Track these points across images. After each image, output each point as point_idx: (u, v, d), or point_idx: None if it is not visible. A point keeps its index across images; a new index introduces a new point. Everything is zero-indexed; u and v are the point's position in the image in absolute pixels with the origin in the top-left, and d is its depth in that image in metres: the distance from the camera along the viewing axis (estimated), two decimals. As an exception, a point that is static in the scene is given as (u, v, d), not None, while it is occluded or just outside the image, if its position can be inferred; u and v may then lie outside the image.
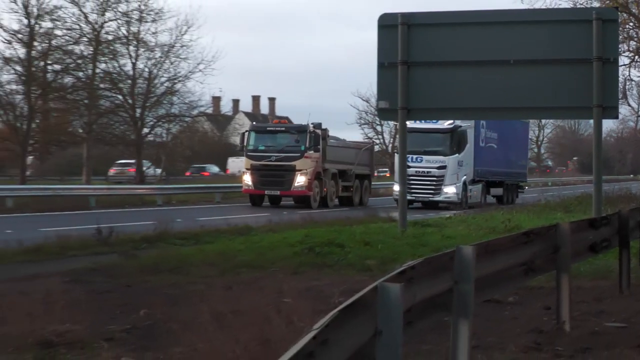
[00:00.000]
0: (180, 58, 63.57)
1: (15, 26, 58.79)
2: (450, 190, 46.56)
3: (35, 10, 58.57)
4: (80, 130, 62.90)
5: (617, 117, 27.31)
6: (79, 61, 61.83)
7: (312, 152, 46.51)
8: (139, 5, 61.76)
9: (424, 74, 22.77)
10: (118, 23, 62.25)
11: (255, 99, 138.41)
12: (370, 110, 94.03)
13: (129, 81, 63.38)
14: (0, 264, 18.34)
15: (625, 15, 40.06)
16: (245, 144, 48.00)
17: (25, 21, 58.69)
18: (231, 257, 18.78)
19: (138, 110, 62.08)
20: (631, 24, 43.24)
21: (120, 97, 63.59)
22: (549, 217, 27.63)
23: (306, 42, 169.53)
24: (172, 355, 9.39)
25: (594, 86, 21.59)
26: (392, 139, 50.65)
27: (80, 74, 61.96)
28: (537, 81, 22.50)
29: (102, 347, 9.83)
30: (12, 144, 59.96)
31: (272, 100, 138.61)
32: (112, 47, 62.90)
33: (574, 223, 12.95)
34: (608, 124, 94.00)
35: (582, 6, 39.99)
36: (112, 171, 74.36)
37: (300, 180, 45.69)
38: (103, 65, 62.98)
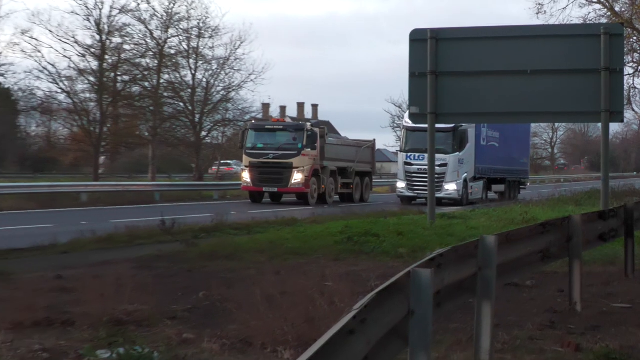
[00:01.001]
0: (234, 69, 63.71)
1: (89, 41, 58.99)
2: (451, 187, 43.90)
3: (106, 27, 58.75)
4: (146, 134, 63.08)
5: (622, 121, 27.24)
6: (145, 72, 62.05)
7: (309, 150, 43.24)
8: (198, 24, 61.99)
9: (450, 83, 22.70)
10: (180, 39, 62.43)
11: (300, 106, 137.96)
12: (401, 115, 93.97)
13: (189, 90, 63.56)
14: (76, 252, 18.48)
15: (629, 30, 39.81)
16: (244, 142, 44.67)
17: (98, 37, 58.85)
18: (279, 245, 18.79)
19: (197, 116, 62.29)
20: (635, 37, 42.99)
21: (181, 104, 63.81)
22: (562, 210, 27.46)
23: (346, 54, 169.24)
24: (228, 332, 9.40)
25: (602, 93, 21.51)
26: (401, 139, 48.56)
27: (146, 83, 62.19)
28: (551, 89, 22.39)
29: (166, 324, 9.86)
30: (86, 146, 60.33)
31: (315, 107, 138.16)
32: (174, 60, 63.11)
33: (585, 215, 12.88)
34: (614, 127, 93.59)
35: (591, 22, 39.85)
36: (212, 169, 74.16)
37: (297, 177, 42.49)
38: (166, 76, 63.19)
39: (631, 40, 41.71)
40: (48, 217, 30.21)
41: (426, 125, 40.08)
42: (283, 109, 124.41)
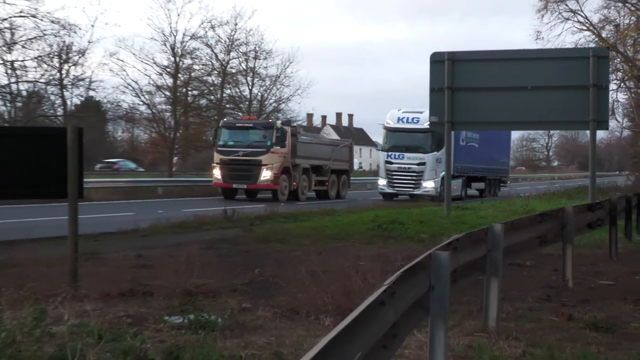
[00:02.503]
0: (284, 85, 64.14)
1: (165, 62, 59.45)
2: (429, 185, 39.55)
3: (179, 51, 59.18)
4: (211, 138, 63.56)
5: (607, 129, 27.13)
6: (211, 88, 62.54)
7: (278, 147, 37.62)
8: (255, 48, 62.41)
9: (464, 96, 22.64)
10: (239, 60, 62.86)
11: (338, 115, 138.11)
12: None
13: (247, 102, 63.98)
14: (154, 235, 18.59)
15: (614, 53, 39.47)
16: (216, 140, 39.35)
17: (172, 59, 59.30)
18: (321, 231, 18.82)
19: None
20: (618, 59, 42.61)
21: (240, 114, 64.09)
22: (557, 202, 27.25)
23: (378, 72, 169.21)
24: (278, 302, 9.41)
25: (590, 106, 21.41)
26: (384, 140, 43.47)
27: (212, 97, 62.66)
28: (548, 102, 22.26)
29: (228, 296, 9.88)
30: (162, 148, 60.99)
31: (350, 116, 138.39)
32: (235, 78, 63.53)
33: (576, 207, 12.81)
34: (600, 134, 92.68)
35: (581, 46, 39.58)
36: None
37: (266, 174, 37.06)
38: (228, 91, 63.70)
39: (615, 61, 41.35)
40: (130, 207, 30.40)
41: (407, 126, 39.59)
42: (324, 118, 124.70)
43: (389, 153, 40.33)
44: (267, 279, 11.31)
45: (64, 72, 51.67)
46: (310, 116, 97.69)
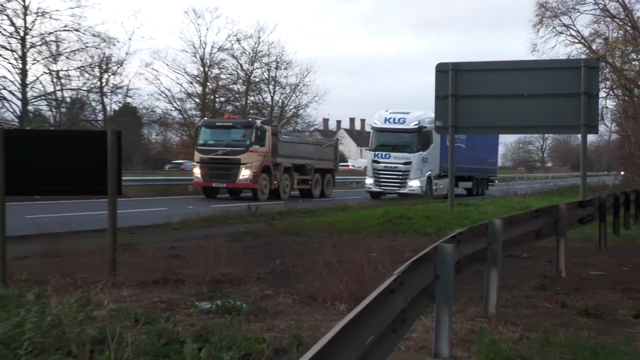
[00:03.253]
0: (302, 93, 64.40)
1: (195, 72, 59.88)
2: (414, 184, 36.85)
3: (208, 61, 59.50)
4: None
5: (597, 133, 27.00)
6: (236, 95, 62.71)
7: (257, 146, 34.49)
8: (276, 59, 62.77)
9: (466, 103, 22.60)
10: (262, 70, 63.19)
11: (352, 120, 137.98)
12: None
13: (269, 108, 64.09)
14: (185, 228, 18.63)
15: (603, 64, 39.33)
16: (197, 139, 36.31)
17: (202, 69, 59.69)
18: (336, 225, 18.81)
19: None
20: (607, 69, 42.46)
21: (262, 118, 64.32)
22: (550, 200, 27.14)
23: (388, 81, 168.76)
24: (297, 290, 9.41)
25: (582, 111, 21.36)
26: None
27: (237, 103, 62.81)
28: (542, 108, 22.20)
29: (252, 283, 9.89)
30: (192, 150, 60.67)
31: (362, 121, 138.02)
32: (258, 86, 63.72)
33: (568, 204, 12.76)
34: (590, 137, 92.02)
35: (573, 57, 39.45)
36: None
37: (244, 173, 33.99)
38: (252, 98, 63.97)
39: (604, 71, 41.21)
40: (163, 203, 30.49)
41: (394, 126, 37.45)
42: (339, 122, 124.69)
43: (376, 152, 37.94)
44: (287, 269, 11.31)
45: (104, 80, 52.05)
46: (326, 121, 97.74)
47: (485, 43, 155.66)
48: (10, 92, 46.33)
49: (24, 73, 46.51)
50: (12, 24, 45.94)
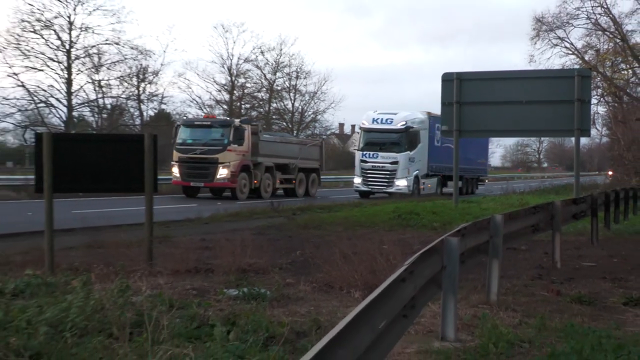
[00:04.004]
0: (320, 100, 64.39)
1: (223, 81, 60.08)
2: (401, 183, 34.28)
3: (235, 72, 59.62)
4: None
5: (589, 136, 27.03)
6: (260, 102, 62.81)
7: (236, 145, 31.29)
8: (297, 69, 62.76)
9: (469, 109, 22.54)
10: (283, 79, 63.22)
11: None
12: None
13: (290, 114, 64.18)
14: (214, 223, 18.66)
15: (595, 73, 39.07)
16: (175, 138, 32.86)
17: (229, 78, 59.85)
18: (351, 220, 18.79)
19: (295, 132, 62.86)
20: (599, 78, 42.19)
21: (284, 123, 64.40)
22: (546, 197, 26.95)
23: (398, 89, 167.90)
24: (316, 278, 9.40)
25: (575, 117, 21.27)
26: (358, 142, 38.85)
27: (261, 109, 62.93)
28: (539, 113, 22.10)
29: (275, 273, 9.88)
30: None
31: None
32: (280, 94, 63.84)
33: (563, 201, 12.71)
34: (583, 140, 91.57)
35: (568, 67, 39.20)
36: None
37: (222, 172, 30.84)
38: (274, 105, 64.01)
39: (596, 80, 40.95)
40: (194, 200, 30.57)
41: (381, 126, 34.83)
42: (353, 127, 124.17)
43: (364, 152, 35.27)
44: (306, 259, 11.31)
45: (141, 89, 52.30)
46: (341, 125, 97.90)
47: (487, 54, 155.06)
48: (57, 99, 46.81)
49: (69, 82, 46.91)
50: (59, 38, 46.37)
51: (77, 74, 47.71)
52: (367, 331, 4.03)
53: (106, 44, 47.82)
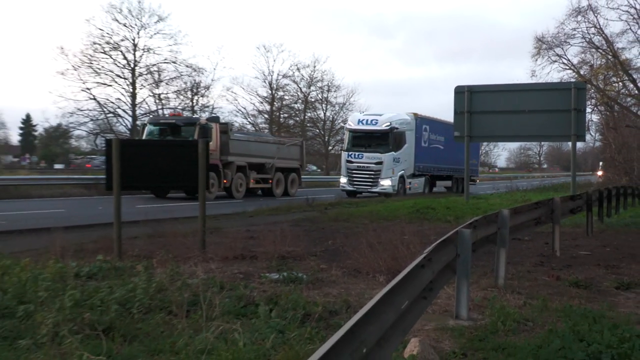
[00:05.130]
0: (349, 110, 64.04)
1: (264, 94, 60.12)
2: (385, 183, 30.69)
3: (274, 86, 59.74)
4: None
5: (584, 141, 26.63)
6: (297, 112, 62.88)
7: None
8: (328, 83, 62.56)
9: (478, 117, 22.31)
10: (317, 92, 63.09)
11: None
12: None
13: (322, 122, 64.09)
14: (257, 216, 18.70)
15: (589, 86, 38.49)
16: (142, 136, 27.57)
17: (269, 91, 59.88)
18: (375, 214, 18.71)
19: (326, 138, 62.88)
20: (592, 90, 41.54)
21: (317, 130, 64.37)
22: (547, 194, 26.63)
23: (417, 100, 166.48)
24: (346, 264, 9.38)
25: (572, 124, 20.98)
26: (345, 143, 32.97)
27: (297, 119, 62.97)
28: (540, 121, 21.81)
29: (310, 259, 9.90)
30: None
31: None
32: (313, 105, 63.79)
33: (562, 197, 12.51)
34: (578, 145, 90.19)
35: (565, 81, 38.69)
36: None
37: None
38: (309, 114, 63.88)
39: (590, 91, 40.30)
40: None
41: (364, 128, 31.36)
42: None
43: (350, 153, 31.59)
44: (337, 248, 11.31)
45: (194, 101, 52.49)
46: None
47: (495, 70, 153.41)
48: (124, 110, 47.39)
49: (133, 96, 47.43)
50: (125, 58, 46.88)
51: (140, 89, 48.18)
52: (392, 310, 4.01)
53: (165, 62, 48.18)
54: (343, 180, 32.02)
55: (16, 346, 5.10)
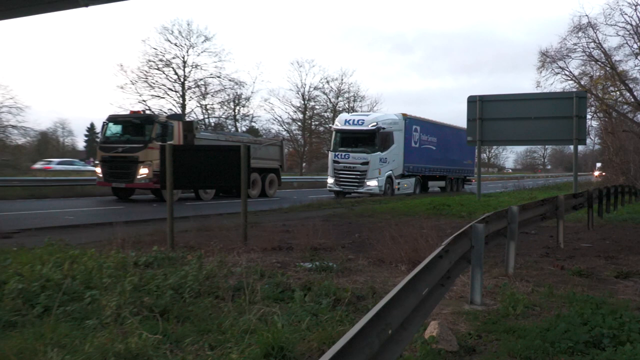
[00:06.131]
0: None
1: (297, 104, 60.18)
2: (372, 184, 27.36)
3: (307, 97, 59.81)
4: (327, 151, 63.88)
5: (585, 144, 26.12)
6: (327, 120, 62.83)
7: (159, 143, 20.63)
8: (354, 94, 62.50)
9: (489, 123, 22.14)
10: (344, 102, 63.01)
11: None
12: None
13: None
14: (292, 212, 18.73)
15: (589, 95, 37.86)
16: (101, 135, 23.65)
17: (302, 102, 59.94)
18: (396, 210, 18.61)
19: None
20: (592, 99, 40.86)
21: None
22: (551, 193, 26.26)
23: (433, 109, 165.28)
24: (371, 255, 9.33)
25: (574, 129, 20.73)
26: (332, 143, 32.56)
27: (327, 126, 62.96)
28: (545, 126, 21.57)
29: (339, 250, 9.88)
30: (296, 158, 61.44)
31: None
32: (341, 113, 63.79)
33: (565, 195, 12.29)
34: (580, 148, 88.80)
35: (567, 90, 38.11)
36: None
37: (143, 171, 21.70)
38: (336, 122, 63.95)
39: (590, 100, 39.65)
40: (276, 194, 30.76)
41: (351, 128, 28.18)
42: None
43: (336, 153, 28.26)
44: (363, 240, 11.27)
45: (236, 111, 52.85)
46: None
47: (504, 81, 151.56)
48: (175, 119, 47.83)
49: (183, 107, 48.00)
50: (176, 74, 47.49)
51: (189, 100, 48.80)
52: (413, 296, 3.98)
53: (210, 77, 48.71)
54: (330, 180, 28.54)
55: (84, 326, 5.18)
